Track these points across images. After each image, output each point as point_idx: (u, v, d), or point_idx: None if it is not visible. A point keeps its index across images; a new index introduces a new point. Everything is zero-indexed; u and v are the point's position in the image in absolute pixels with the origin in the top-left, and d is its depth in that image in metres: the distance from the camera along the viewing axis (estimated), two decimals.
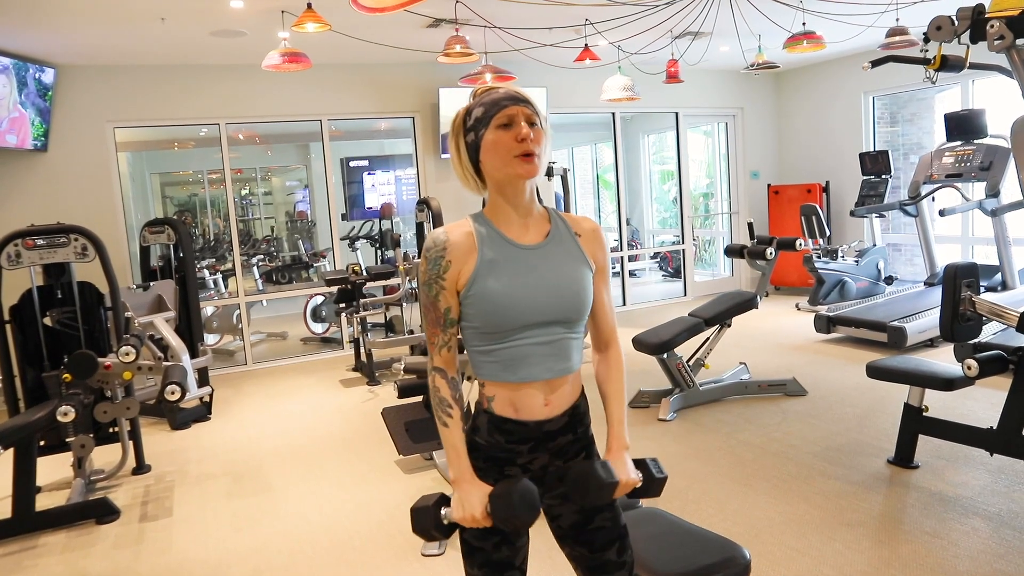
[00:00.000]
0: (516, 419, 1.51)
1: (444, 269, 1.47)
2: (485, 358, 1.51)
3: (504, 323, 1.45)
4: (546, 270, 1.49)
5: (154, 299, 5.47)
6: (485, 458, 1.53)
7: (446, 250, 1.47)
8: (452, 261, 1.47)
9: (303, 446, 4.61)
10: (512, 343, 1.47)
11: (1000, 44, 3.00)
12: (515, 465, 1.54)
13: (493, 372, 1.50)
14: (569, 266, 1.51)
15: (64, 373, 3.72)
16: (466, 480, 1.49)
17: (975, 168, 6.38)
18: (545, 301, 1.47)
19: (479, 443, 1.54)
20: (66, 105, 6.17)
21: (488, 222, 1.52)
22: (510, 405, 1.51)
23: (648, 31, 5.82)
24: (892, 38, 5.28)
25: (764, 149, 9.45)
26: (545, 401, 1.51)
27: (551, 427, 1.52)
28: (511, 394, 1.50)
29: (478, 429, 1.55)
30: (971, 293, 3.28)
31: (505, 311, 1.45)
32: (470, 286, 1.46)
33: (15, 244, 4.05)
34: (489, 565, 1.52)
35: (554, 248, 1.52)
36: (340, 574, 2.99)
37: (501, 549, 1.52)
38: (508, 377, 1.49)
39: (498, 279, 1.45)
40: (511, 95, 1.48)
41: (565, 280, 1.50)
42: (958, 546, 2.85)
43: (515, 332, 1.46)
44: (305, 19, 4.26)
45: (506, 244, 1.49)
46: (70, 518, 3.64)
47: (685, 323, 4.77)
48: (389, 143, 10.50)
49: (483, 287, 1.45)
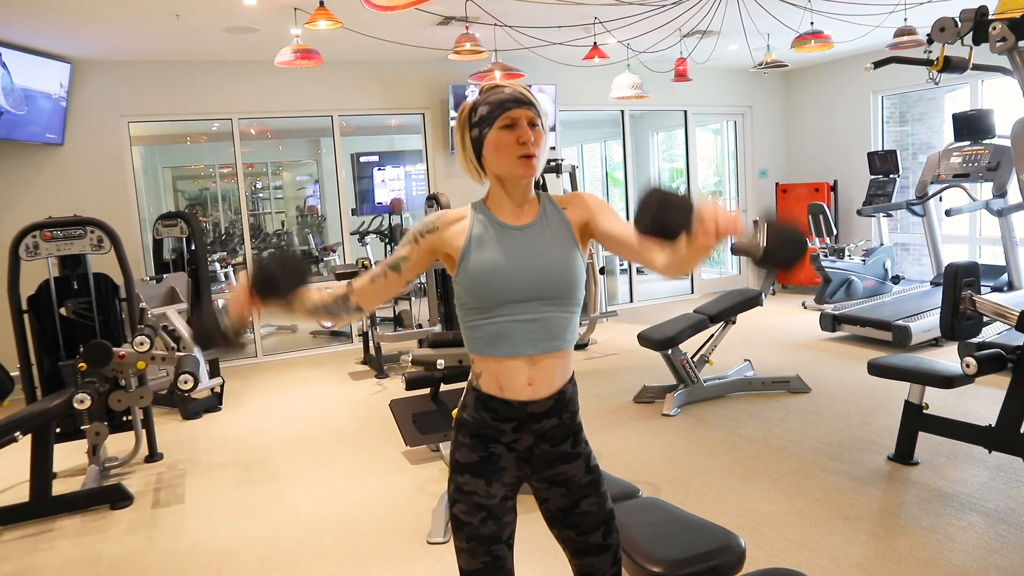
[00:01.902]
0: (501, 397, 1.57)
1: (428, 230, 1.60)
2: (473, 333, 1.59)
3: (489, 298, 1.54)
4: (532, 248, 1.57)
5: (167, 291, 5.57)
6: (471, 434, 1.61)
7: (439, 218, 1.61)
8: (439, 228, 1.60)
9: (311, 437, 4.69)
10: (496, 318, 1.55)
11: (1002, 46, 3.04)
12: (500, 443, 1.61)
13: (479, 347, 1.58)
14: (555, 245, 1.59)
15: (80, 362, 3.81)
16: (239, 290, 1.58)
17: (982, 168, 6.38)
18: (529, 278, 1.54)
19: (467, 420, 1.62)
20: (81, 100, 6.27)
21: (484, 208, 1.62)
22: (495, 382, 1.58)
23: (657, 30, 5.86)
24: (900, 38, 5.30)
25: (772, 148, 9.46)
26: (528, 380, 1.57)
27: (535, 409, 1.58)
28: (496, 370, 1.57)
29: (466, 406, 1.63)
30: (971, 292, 3.32)
31: (489, 285, 1.53)
32: (459, 262, 1.56)
33: (33, 236, 4.15)
34: (476, 538, 1.57)
35: (542, 228, 1.60)
36: (347, 561, 3.06)
37: (487, 524, 1.58)
38: (492, 352, 1.56)
39: (482, 254, 1.55)
40: (515, 96, 1.55)
41: (550, 259, 1.57)
42: (954, 541, 2.89)
43: (499, 307, 1.54)
44: (318, 16, 4.33)
45: (495, 224, 1.59)
46: (85, 503, 3.73)
47: (690, 320, 4.81)
48: (400, 139, 10.55)
49: (469, 262, 1.55)
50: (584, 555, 1.65)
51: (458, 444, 1.62)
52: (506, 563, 1.61)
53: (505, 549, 1.60)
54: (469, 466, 1.60)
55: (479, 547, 1.57)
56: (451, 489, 1.61)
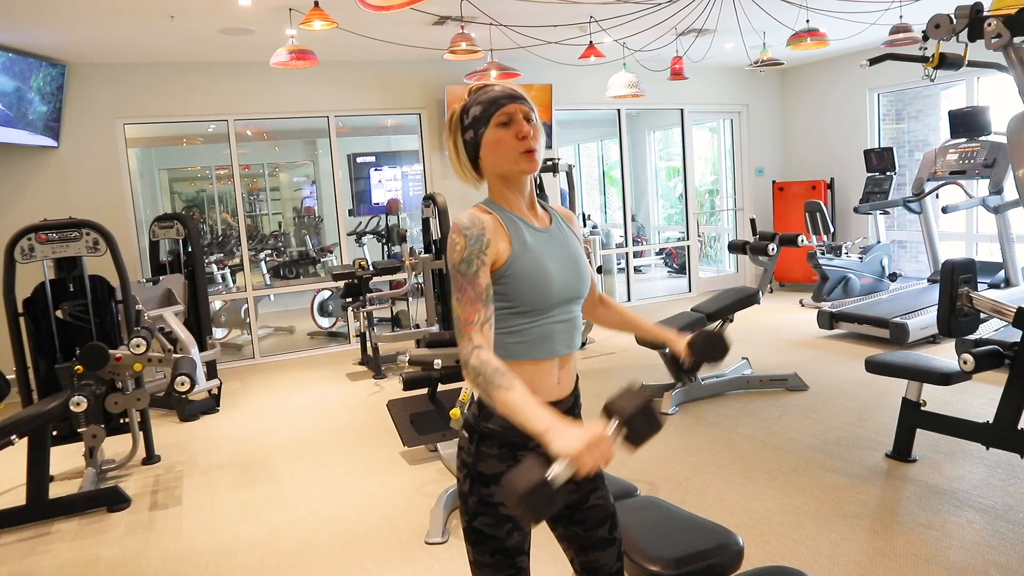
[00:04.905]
0: None
1: (486, 245, 1.47)
2: (513, 338, 1.52)
3: (541, 301, 1.52)
4: (565, 250, 1.59)
5: (163, 293, 5.55)
6: (500, 444, 1.53)
7: (486, 228, 1.48)
8: (491, 240, 1.48)
9: (309, 438, 4.69)
10: (542, 320, 1.53)
11: (997, 42, 3.04)
12: (527, 449, 1.50)
13: (521, 351, 1.52)
14: (575, 246, 1.63)
15: (76, 365, 3.80)
16: (556, 423, 1.30)
17: (979, 165, 6.39)
18: (570, 278, 1.56)
19: (492, 430, 1.53)
20: (77, 102, 6.25)
21: (504, 209, 1.56)
22: (529, 386, 1.45)
23: (652, 28, 5.86)
24: (896, 35, 5.30)
25: (769, 146, 9.47)
26: (557, 379, 1.58)
27: (561, 407, 1.57)
28: (532, 373, 1.53)
29: (490, 416, 1.53)
30: (968, 289, 3.32)
31: (542, 289, 1.51)
32: (509, 265, 1.49)
33: (28, 238, 4.14)
34: (502, 552, 1.53)
35: (560, 231, 1.62)
36: (345, 562, 3.06)
37: (513, 535, 1.54)
38: (534, 355, 1.53)
39: (534, 259, 1.52)
40: (508, 93, 1.53)
41: (579, 260, 1.61)
42: (952, 537, 2.89)
43: (548, 310, 1.54)
44: (312, 17, 4.32)
45: (529, 227, 1.56)
46: (82, 506, 3.72)
47: (687, 318, 4.81)
48: (396, 139, 10.56)
49: (521, 266, 1.50)
50: (590, 550, 1.64)
51: (482, 456, 1.53)
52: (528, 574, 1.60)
53: (526, 560, 1.59)
54: (497, 477, 1.50)
55: (503, 560, 1.54)
56: (473, 501, 1.53)
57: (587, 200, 12.17)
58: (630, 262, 8.93)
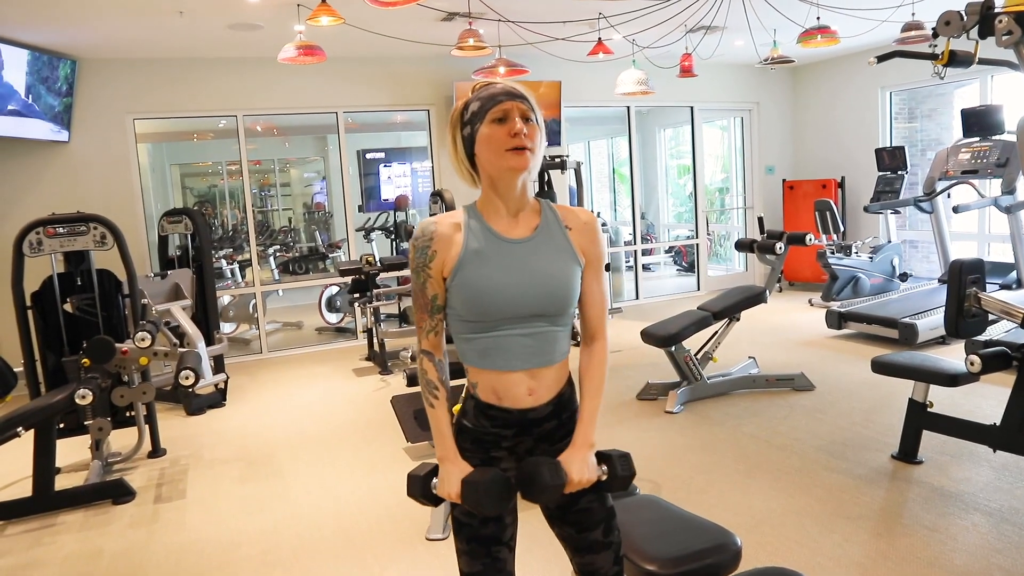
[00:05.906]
0: (499, 406, 1.55)
1: (430, 259, 1.51)
2: (467, 346, 1.55)
3: (485, 314, 1.49)
4: (531, 264, 1.51)
5: (171, 287, 5.58)
6: (472, 440, 1.58)
7: (432, 239, 1.51)
8: (437, 251, 1.51)
9: (315, 433, 4.70)
10: (493, 334, 1.51)
11: (1008, 39, 3.00)
12: (501, 448, 1.58)
13: (474, 360, 1.55)
14: (554, 260, 1.53)
15: (83, 358, 3.83)
16: (449, 460, 1.55)
17: (991, 164, 6.32)
18: (527, 295, 1.49)
19: (467, 425, 1.59)
20: (87, 97, 6.29)
21: (478, 215, 1.55)
22: (492, 392, 1.54)
23: (661, 25, 5.83)
24: (907, 33, 5.24)
25: (779, 144, 9.41)
26: (528, 390, 1.54)
27: (535, 415, 1.56)
28: (493, 382, 1.54)
29: (466, 412, 1.59)
30: (976, 289, 3.28)
31: (486, 302, 1.48)
32: (454, 275, 1.50)
33: (37, 232, 4.17)
34: (476, 540, 1.57)
35: (541, 242, 1.54)
36: (347, 556, 3.06)
37: (487, 525, 1.57)
38: (488, 365, 1.53)
39: (479, 270, 1.49)
40: (507, 90, 1.51)
41: (549, 274, 1.51)
42: (956, 540, 2.86)
43: (497, 323, 1.50)
44: (320, 12, 4.32)
45: (492, 237, 1.52)
46: (88, 498, 3.75)
47: (693, 316, 4.79)
48: (406, 135, 10.56)
49: (465, 277, 1.49)
50: (585, 552, 1.63)
51: (460, 449, 1.58)
52: (506, 566, 1.60)
53: (506, 551, 1.59)
54: None
55: (479, 549, 1.57)
56: None
57: (597, 198, 12.14)
58: (639, 260, 8.90)
